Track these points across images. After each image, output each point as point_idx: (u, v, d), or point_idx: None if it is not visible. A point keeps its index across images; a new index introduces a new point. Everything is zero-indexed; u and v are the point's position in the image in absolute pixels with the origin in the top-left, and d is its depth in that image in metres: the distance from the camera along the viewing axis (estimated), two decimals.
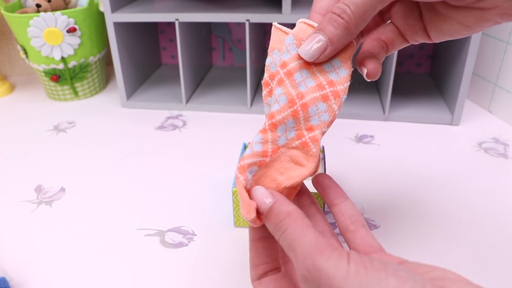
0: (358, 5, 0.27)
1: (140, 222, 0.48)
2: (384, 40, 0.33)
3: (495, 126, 0.67)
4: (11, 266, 0.42)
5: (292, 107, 0.28)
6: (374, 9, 0.27)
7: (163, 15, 0.68)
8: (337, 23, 0.28)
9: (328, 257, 0.22)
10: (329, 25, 0.28)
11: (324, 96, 0.29)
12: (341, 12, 0.27)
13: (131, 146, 0.64)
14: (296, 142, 0.29)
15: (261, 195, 0.27)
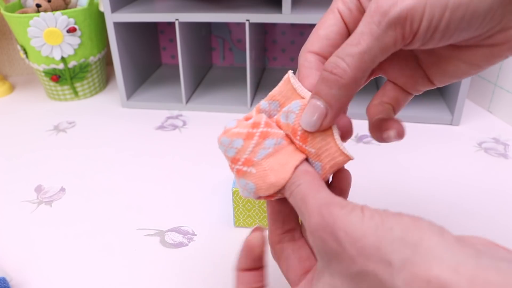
0: (355, 57, 0.23)
1: (140, 222, 0.48)
2: (388, 102, 0.30)
3: (495, 126, 0.67)
4: (11, 266, 0.42)
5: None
6: (374, 61, 0.24)
7: (163, 15, 0.68)
8: (331, 82, 0.24)
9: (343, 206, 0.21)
10: (323, 86, 0.24)
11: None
12: (333, 68, 0.24)
13: (131, 146, 0.64)
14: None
15: None
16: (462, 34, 0.23)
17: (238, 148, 0.26)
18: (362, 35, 0.23)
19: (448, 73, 0.28)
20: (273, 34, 0.89)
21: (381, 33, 0.23)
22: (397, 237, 0.19)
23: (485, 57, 0.26)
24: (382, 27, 0.23)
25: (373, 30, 0.23)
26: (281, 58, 0.91)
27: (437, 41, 0.24)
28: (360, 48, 0.23)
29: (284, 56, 0.91)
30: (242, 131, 0.27)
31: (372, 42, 0.23)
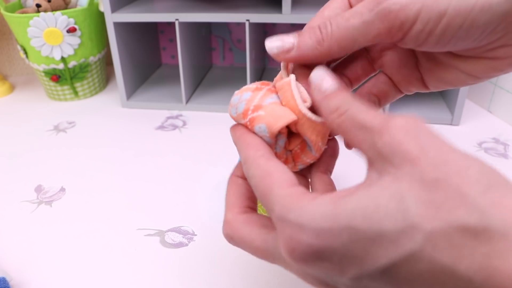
0: (339, 28, 0.24)
1: (140, 222, 0.48)
2: (376, 94, 0.30)
3: (495, 126, 0.67)
4: (11, 266, 0.42)
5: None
6: (354, 42, 0.24)
7: (163, 15, 0.68)
8: (313, 34, 0.25)
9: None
10: (305, 33, 0.26)
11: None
12: (322, 27, 0.25)
13: (131, 146, 0.64)
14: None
15: None
16: (459, 42, 0.23)
17: (247, 99, 0.27)
18: (354, 14, 0.24)
19: (444, 80, 0.28)
20: (273, 34, 0.88)
21: (369, 19, 0.23)
22: (488, 168, 0.18)
23: (484, 69, 0.26)
24: (371, 15, 0.23)
25: (364, 14, 0.23)
26: None
27: (433, 45, 0.24)
28: (347, 24, 0.24)
29: None
30: (251, 86, 0.28)
31: (359, 24, 0.24)
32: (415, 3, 0.22)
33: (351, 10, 0.24)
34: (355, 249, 0.18)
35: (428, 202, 0.17)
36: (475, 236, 0.17)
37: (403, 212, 0.18)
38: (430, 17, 0.22)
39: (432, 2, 0.22)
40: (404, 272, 0.18)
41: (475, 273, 0.16)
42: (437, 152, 0.18)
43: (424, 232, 0.17)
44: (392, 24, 0.23)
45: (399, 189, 0.18)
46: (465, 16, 0.22)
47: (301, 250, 0.19)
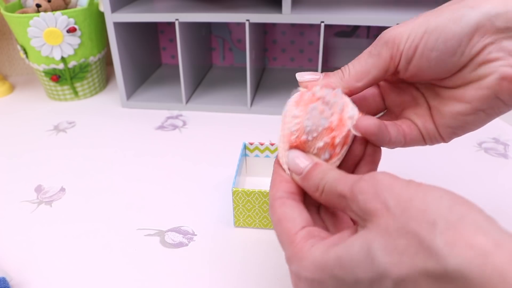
0: (354, 66, 0.30)
1: (140, 222, 0.48)
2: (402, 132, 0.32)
3: (495, 126, 0.67)
4: (11, 266, 0.42)
5: None
6: (368, 72, 0.30)
7: (163, 15, 0.68)
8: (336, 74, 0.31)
9: (386, 173, 0.25)
10: (332, 73, 0.31)
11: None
12: (343, 68, 0.31)
13: (131, 146, 0.64)
14: None
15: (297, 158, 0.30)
16: (442, 57, 0.27)
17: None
18: (363, 53, 0.30)
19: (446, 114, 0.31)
20: (273, 34, 0.89)
21: (375, 51, 0.29)
22: (445, 205, 0.21)
23: (474, 93, 0.28)
24: (377, 48, 0.29)
25: (371, 49, 0.30)
26: (281, 58, 0.91)
27: (418, 60, 0.28)
28: (359, 60, 0.30)
29: (284, 56, 0.91)
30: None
31: (368, 58, 0.30)
32: (405, 30, 0.28)
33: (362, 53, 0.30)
34: None
35: (392, 250, 0.20)
36: (437, 279, 0.19)
37: (371, 260, 0.21)
38: (416, 35, 0.27)
39: (417, 26, 0.27)
40: None
41: None
42: (396, 203, 0.22)
43: (393, 278, 0.20)
44: (392, 49, 0.28)
45: (367, 240, 0.22)
46: (441, 29, 0.26)
47: None
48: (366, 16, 0.63)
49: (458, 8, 0.26)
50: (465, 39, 0.26)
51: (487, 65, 0.27)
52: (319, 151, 0.30)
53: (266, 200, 0.44)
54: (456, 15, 0.26)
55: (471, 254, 0.18)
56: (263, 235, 0.46)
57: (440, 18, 0.27)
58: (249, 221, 0.46)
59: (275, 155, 0.52)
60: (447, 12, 0.27)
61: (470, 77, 0.28)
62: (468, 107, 0.30)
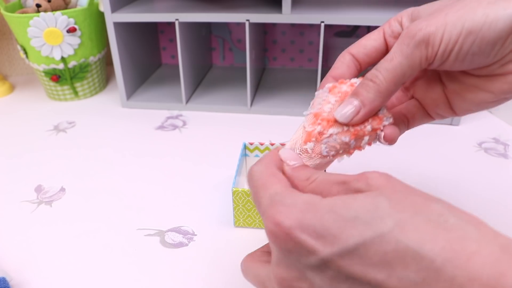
0: (389, 71, 0.29)
1: (140, 222, 0.48)
2: (406, 114, 0.34)
3: (495, 126, 0.67)
4: (11, 266, 0.42)
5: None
6: (404, 75, 0.29)
7: (163, 15, 0.68)
8: (369, 87, 0.30)
9: None
10: (362, 89, 0.30)
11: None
12: (373, 77, 0.29)
13: (131, 146, 0.64)
14: None
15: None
16: (475, 58, 0.28)
17: None
18: (395, 54, 0.29)
19: (468, 100, 0.32)
20: (273, 34, 0.89)
21: (409, 52, 0.28)
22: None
23: (500, 86, 0.30)
24: (410, 47, 0.28)
25: (403, 49, 0.28)
26: (281, 58, 0.91)
27: (452, 62, 0.28)
28: (393, 64, 0.29)
29: (284, 56, 0.91)
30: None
31: (402, 59, 0.28)
32: (439, 29, 0.27)
33: (390, 52, 0.29)
34: (333, 228, 0.21)
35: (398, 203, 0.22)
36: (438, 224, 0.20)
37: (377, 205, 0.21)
38: (451, 38, 0.27)
39: (451, 26, 0.27)
40: (372, 251, 0.20)
41: (437, 254, 0.19)
42: (401, 185, 0.24)
43: (394, 218, 0.21)
44: (427, 49, 0.28)
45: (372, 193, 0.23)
46: (476, 33, 0.26)
47: (287, 223, 0.23)
48: (366, 16, 0.63)
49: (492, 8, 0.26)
50: (500, 42, 0.27)
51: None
52: (330, 147, 0.32)
53: None
54: (492, 17, 0.26)
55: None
56: (263, 235, 0.45)
57: (475, 18, 0.26)
58: (249, 221, 0.46)
59: None
60: (480, 11, 0.26)
61: (498, 71, 0.29)
62: (492, 97, 0.30)
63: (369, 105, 0.30)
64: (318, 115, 0.32)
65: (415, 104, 0.35)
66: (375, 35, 0.33)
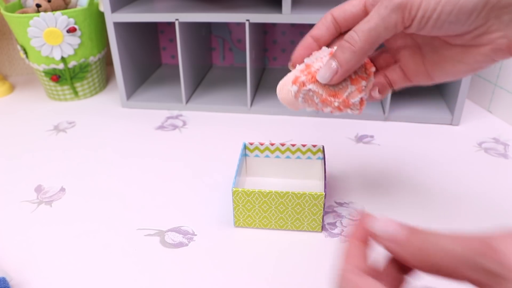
0: (364, 32, 0.31)
1: (140, 222, 0.48)
2: (390, 78, 0.38)
3: (495, 126, 0.67)
4: (11, 266, 0.42)
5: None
6: (379, 36, 0.31)
7: (163, 15, 0.68)
8: (345, 48, 0.32)
9: None
10: (339, 51, 0.33)
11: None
12: (349, 39, 0.32)
13: (131, 146, 0.64)
14: None
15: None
16: (451, 26, 0.30)
17: None
18: (372, 15, 0.31)
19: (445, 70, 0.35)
20: (273, 34, 0.89)
21: (386, 15, 0.30)
22: None
23: (473, 57, 0.32)
24: (387, 10, 0.30)
25: (381, 12, 0.30)
26: (281, 58, 0.91)
27: (430, 28, 0.30)
28: (369, 25, 0.31)
29: (284, 56, 0.91)
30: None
31: (379, 20, 0.30)
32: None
33: (369, 15, 0.31)
34: None
35: None
36: None
37: None
38: (429, 6, 0.29)
39: None
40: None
41: None
42: None
43: None
44: (404, 14, 0.29)
45: None
46: (454, 4, 0.28)
47: None
48: None
49: None
50: (475, 13, 0.29)
51: (487, 35, 0.30)
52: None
53: (266, 200, 0.44)
54: None
55: None
56: (263, 235, 0.46)
57: None
58: (249, 221, 0.46)
59: (275, 155, 0.52)
60: None
61: (472, 42, 0.31)
62: (468, 67, 0.33)
63: (346, 65, 0.33)
64: (308, 66, 0.36)
65: (398, 70, 0.38)
66: (357, 1, 0.35)
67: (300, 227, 0.45)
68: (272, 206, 0.44)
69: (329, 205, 0.50)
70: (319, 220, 0.44)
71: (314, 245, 0.44)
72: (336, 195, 0.51)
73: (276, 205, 0.44)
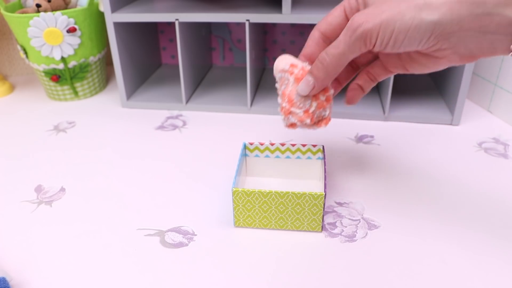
0: (334, 56, 0.38)
1: (140, 222, 0.48)
2: (372, 73, 0.45)
3: (495, 126, 0.67)
4: (11, 266, 0.42)
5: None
6: (347, 58, 0.37)
7: (163, 15, 0.68)
8: (319, 68, 0.39)
9: None
10: (315, 69, 0.39)
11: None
12: (322, 60, 0.39)
13: (131, 146, 0.64)
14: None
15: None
16: (407, 48, 0.35)
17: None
18: (340, 42, 0.37)
19: (415, 68, 0.41)
20: (273, 34, 0.89)
21: (351, 43, 0.36)
22: None
23: (434, 63, 0.38)
24: (352, 39, 0.36)
25: (346, 40, 0.36)
26: None
27: (390, 49, 0.36)
28: (337, 51, 0.37)
29: None
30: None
31: (345, 48, 0.37)
32: (375, 27, 0.34)
33: (337, 40, 0.37)
34: None
35: None
36: None
37: None
38: (385, 35, 0.35)
39: (385, 25, 0.34)
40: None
41: None
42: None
43: None
44: (365, 41, 0.35)
45: None
46: (405, 33, 0.34)
47: None
48: None
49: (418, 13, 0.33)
50: (424, 39, 0.34)
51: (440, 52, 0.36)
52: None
53: (266, 200, 0.44)
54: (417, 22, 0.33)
55: None
56: (263, 235, 0.46)
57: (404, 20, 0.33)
58: (249, 221, 0.46)
59: (275, 155, 0.52)
60: (409, 14, 0.33)
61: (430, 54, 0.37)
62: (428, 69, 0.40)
63: (321, 82, 0.40)
64: (284, 94, 0.43)
65: (379, 64, 0.44)
66: (338, 11, 0.41)
67: (300, 227, 0.45)
68: (272, 206, 0.44)
69: (329, 205, 0.50)
70: (319, 220, 0.44)
71: (314, 245, 0.44)
72: (336, 195, 0.51)
73: (276, 205, 0.44)
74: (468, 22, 0.32)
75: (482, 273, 0.40)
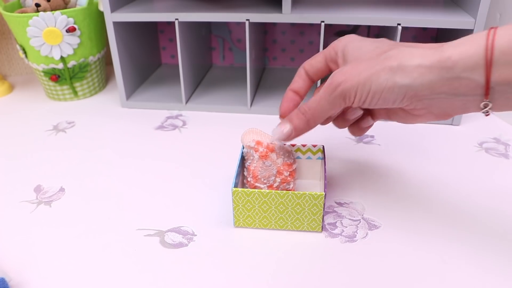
0: (316, 110, 0.40)
1: (140, 222, 0.48)
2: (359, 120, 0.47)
3: (495, 126, 0.67)
4: (10, 266, 0.42)
5: None
6: (327, 114, 0.40)
7: (163, 15, 0.67)
8: (300, 119, 0.41)
9: None
10: (295, 118, 0.42)
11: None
12: (304, 111, 0.41)
13: (130, 146, 0.64)
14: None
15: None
16: (382, 106, 0.38)
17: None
18: (321, 99, 0.39)
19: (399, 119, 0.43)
20: (273, 34, 0.89)
21: (331, 100, 0.39)
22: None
23: (411, 119, 0.41)
24: (332, 97, 0.38)
25: (327, 97, 0.39)
26: (281, 58, 0.91)
27: (367, 106, 0.38)
28: (319, 106, 0.40)
29: (284, 56, 0.91)
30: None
31: (325, 104, 0.39)
32: (353, 87, 0.37)
33: (318, 95, 0.39)
34: None
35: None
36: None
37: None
38: (362, 94, 0.37)
39: (362, 86, 0.36)
40: None
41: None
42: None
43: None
44: (345, 99, 0.38)
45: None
46: (379, 94, 0.37)
47: None
48: (367, 16, 0.62)
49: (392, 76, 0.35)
50: (398, 100, 0.37)
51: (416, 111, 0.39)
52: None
53: (266, 200, 0.44)
54: (390, 84, 0.36)
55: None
56: (263, 235, 0.45)
57: (379, 81, 0.36)
58: (249, 221, 0.46)
59: None
60: (383, 76, 0.36)
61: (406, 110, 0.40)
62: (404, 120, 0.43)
63: (300, 132, 0.42)
64: (249, 170, 0.45)
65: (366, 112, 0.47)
66: (320, 57, 0.45)
67: (300, 227, 0.45)
68: (272, 206, 0.44)
69: (329, 205, 0.50)
70: (319, 220, 0.44)
71: (314, 245, 0.44)
72: (336, 195, 0.51)
73: (276, 205, 0.44)
74: (439, 86, 0.35)
75: (482, 273, 0.40)
